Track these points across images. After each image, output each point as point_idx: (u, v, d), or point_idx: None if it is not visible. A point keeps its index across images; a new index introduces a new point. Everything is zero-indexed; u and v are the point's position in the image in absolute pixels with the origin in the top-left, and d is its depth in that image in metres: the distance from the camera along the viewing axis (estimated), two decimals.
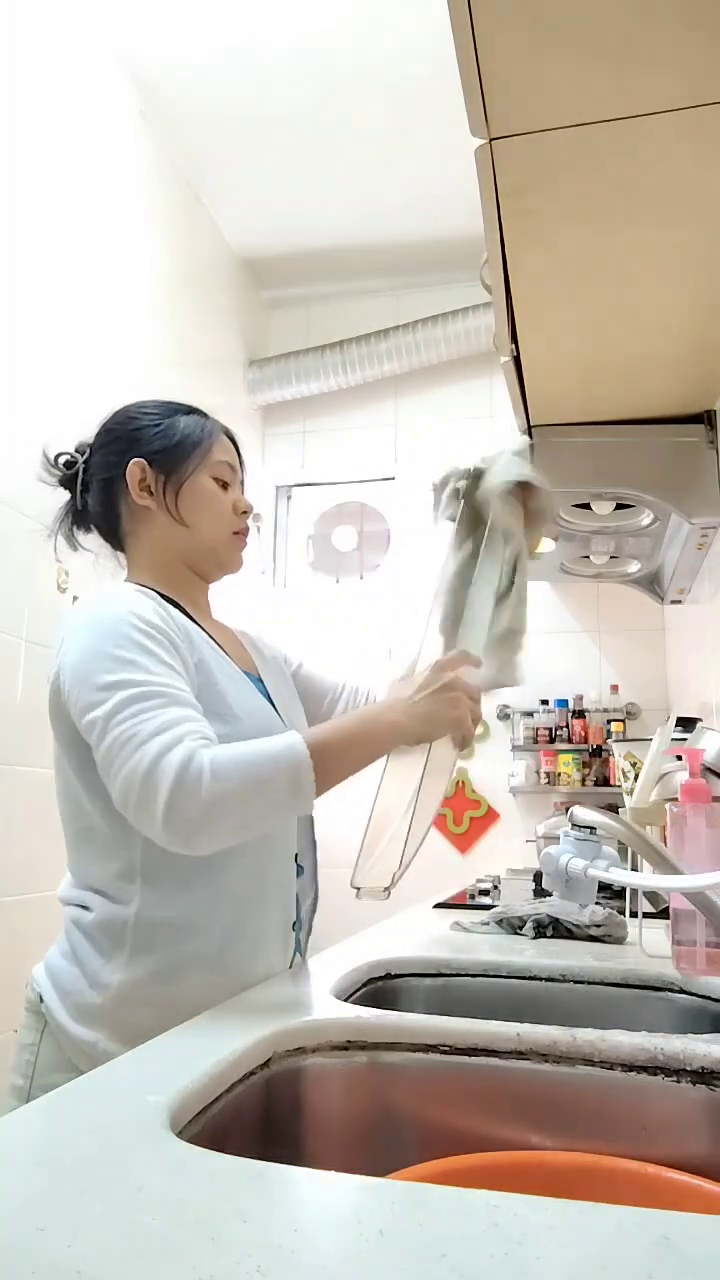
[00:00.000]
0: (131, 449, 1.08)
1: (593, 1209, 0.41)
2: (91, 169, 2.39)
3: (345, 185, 3.04)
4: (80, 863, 0.98)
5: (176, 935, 0.92)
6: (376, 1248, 0.37)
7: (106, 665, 0.88)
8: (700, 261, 1.28)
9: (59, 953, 0.96)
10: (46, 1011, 0.91)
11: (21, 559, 2.00)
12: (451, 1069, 0.73)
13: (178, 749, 0.82)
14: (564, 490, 1.88)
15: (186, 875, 0.92)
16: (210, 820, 0.82)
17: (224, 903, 0.94)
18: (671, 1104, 0.69)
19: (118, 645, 0.89)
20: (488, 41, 0.91)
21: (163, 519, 1.07)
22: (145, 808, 0.82)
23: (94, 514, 1.11)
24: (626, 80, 0.96)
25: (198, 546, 1.08)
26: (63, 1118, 0.52)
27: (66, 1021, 0.89)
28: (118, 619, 0.92)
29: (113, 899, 0.93)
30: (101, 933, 0.92)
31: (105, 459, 1.09)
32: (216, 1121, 0.59)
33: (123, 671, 0.87)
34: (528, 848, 2.77)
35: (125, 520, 1.09)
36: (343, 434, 3.57)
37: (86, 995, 0.90)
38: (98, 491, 1.10)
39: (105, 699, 0.86)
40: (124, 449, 1.08)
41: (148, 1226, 0.39)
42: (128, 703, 0.85)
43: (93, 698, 0.87)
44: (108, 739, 0.85)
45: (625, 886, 1.22)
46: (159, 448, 1.08)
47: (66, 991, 0.91)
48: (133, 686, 0.86)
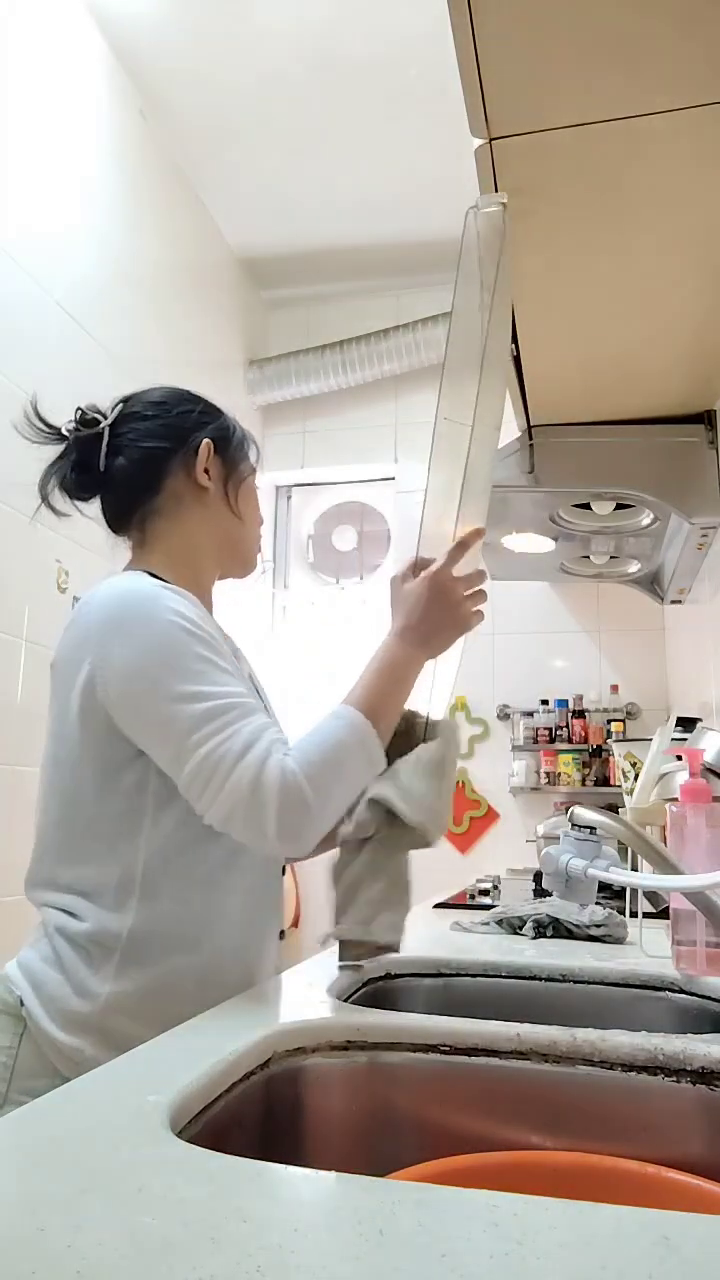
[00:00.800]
0: (197, 429, 1.08)
1: (593, 1209, 0.41)
2: (91, 169, 2.39)
3: (345, 185, 3.04)
4: (68, 865, 0.95)
5: (170, 949, 0.90)
6: (376, 1248, 0.37)
7: (171, 677, 0.86)
8: (700, 262, 1.28)
9: (39, 957, 0.92)
10: (27, 1015, 0.88)
11: (21, 559, 2.00)
12: (451, 1069, 0.73)
13: (271, 762, 0.84)
14: (564, 490, 1.88)
15: (187, 891, 0.92)
16: (318, 821, 0.85)
17: (222, 918, 0.93)
18: (671, 1104, 0.69)
19: (178, 655, 0.88)
20: (488, 41, 0.91)
21: (217, 504, 1.06)
22: (255, 824, 0.83)
23: (122, 480, 1.06)
24: (626, 80, 0.96)
25: (240, 539, 1.09)
26: (63, 1118, 0.52)
27: (50, 1027, 0.86)
28: (168, 623, 0.89)
29: (106, 908, 0.90)
30: (91, 942, 0.90)
31: (155, 429, 1.06)
32: (216, 1121, 0.59)
33: (192, 683, 0.86)
34: (528, 848, 2.77)
35: (165, 496, 1.04)
36: (343, 434, 3.57)
37: (72, 1003, 0.87)
38: (138, 459, 1.05)
39: (181, 713, 0.85)
40: (187, 426, 1.07)
41: (148, 1226, 0.39)
42: (206, 718, 0.85)
43: (167, 711, 0.85)
44: (195, 758, 0.84)
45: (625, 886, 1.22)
46: (226, 437, 1.10)
47: (50, 998, 0.88)
48: (206, 700, 0.85)
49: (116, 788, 0.91)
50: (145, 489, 1.05)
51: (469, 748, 3.25)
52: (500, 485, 1.84)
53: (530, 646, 3.26)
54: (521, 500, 1.92)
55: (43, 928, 0.94)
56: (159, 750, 0.88)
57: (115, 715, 0.89)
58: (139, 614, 0.90)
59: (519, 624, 3.26)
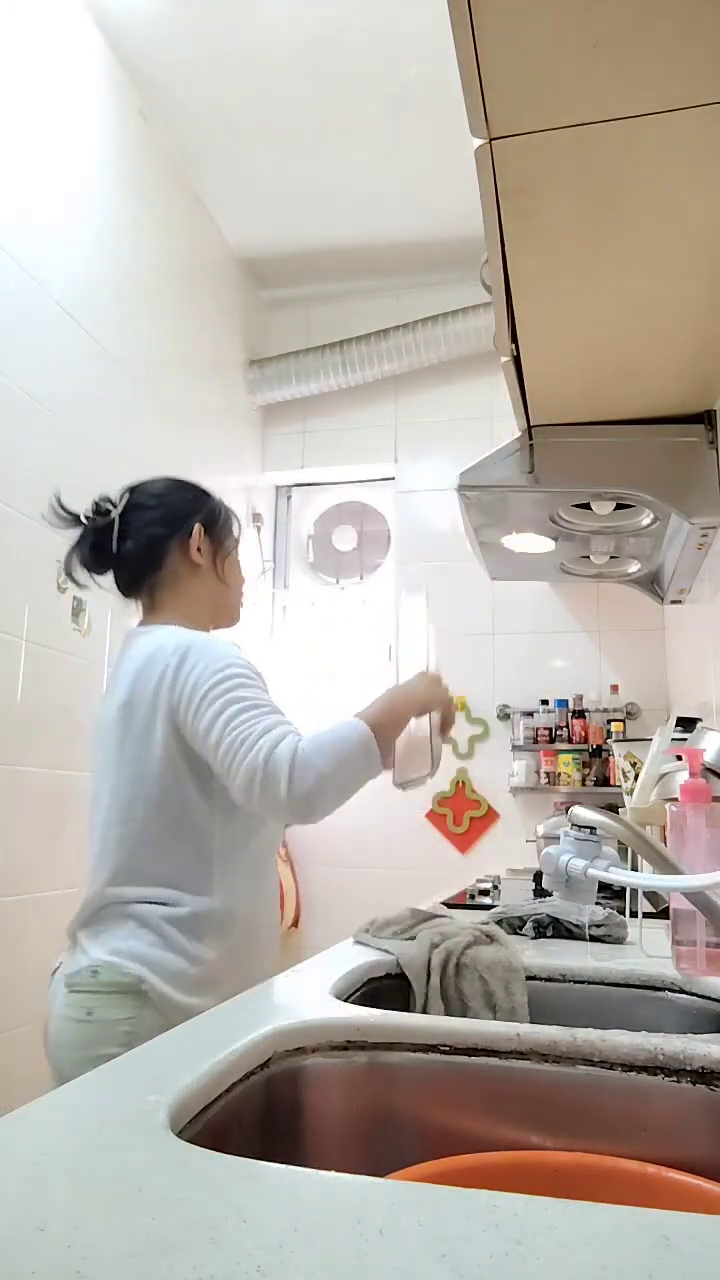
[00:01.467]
0: (190, 517, 1.33)
1: (593, 1209, 0.41)
2: (91, 169, 2.39)
3: (345, 185, 3.04)
4: (161, 863, 1.18)
5: (240, 920, 1.19)
6: (376, 1248, 0.37)
7: (224, 688, 1.14)
8: (700, 261, 1.28)
9: (146, 943, 1.13)
10: (150, 989, 1.09)
11: (21, 559, 2.01)
12: (451, 1069, 0.73)
13: (285, 742, 1.09)
14: (564, 490, 1.88)
15: (244, 875, 1.21)
16: (324, 793, 1.09)
17: (263, 894, 1.26)
18: (671, 1104, 0.69)
19: (231, 675, 1.16)
20: (488, 41, 0.91)
21: (208, 577, 1.34)
22: (270, 792, 1.08)
23: (130, 560, 1.31)
24: (627, 80, 0.96)
25: (227, 600, 1.38)
26: (63, 1118, 0.52)
27: (174, 994, 1.10)
28: (226, 652, 1.19)
29: (198, 894, 1.16)
30: (193, 921, 1.15)
31: (156, 517, 1.32)
32: (216, 1121, 0.59)
33: (239, 691, 1.14)
34: (528, 848, 2.77)
35: (166, 571, 1.31)
36: (343, 434, 3.57)
37: (188, 971, 1.12)
38: (142, 543, 1.31)
39: (225, 711, 1.12)
40: (181, 515, 1.33)
41: (148, 1226, 0.39)
42: (239, 712, 1.12)
43: (217, 710, 1.12)
44: (226, 741, 1.10)
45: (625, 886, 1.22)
46: (212, 521, 1.36)
47: (169, 972, 1.11)
48: (244, 702, 1.13)
49: (195, 798, 1.17)
50: (150, 566, 1.31)
51: (469, 748, 3.25)
52: (500, 485, 1.84)
53: (530, 646, 3.26)
54: (521, 500, 1.92)
55: (135, 918, 1.15)
56: (205, 740, 1.13)
57: (184, 726, 1.15)
58: (202, 649, 1.19)
59: (519, 624, 3.27)
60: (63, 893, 2.13)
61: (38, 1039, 1.19)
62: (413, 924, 1.21)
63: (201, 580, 1.33)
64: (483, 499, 1.91)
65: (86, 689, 2.26)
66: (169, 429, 2.80)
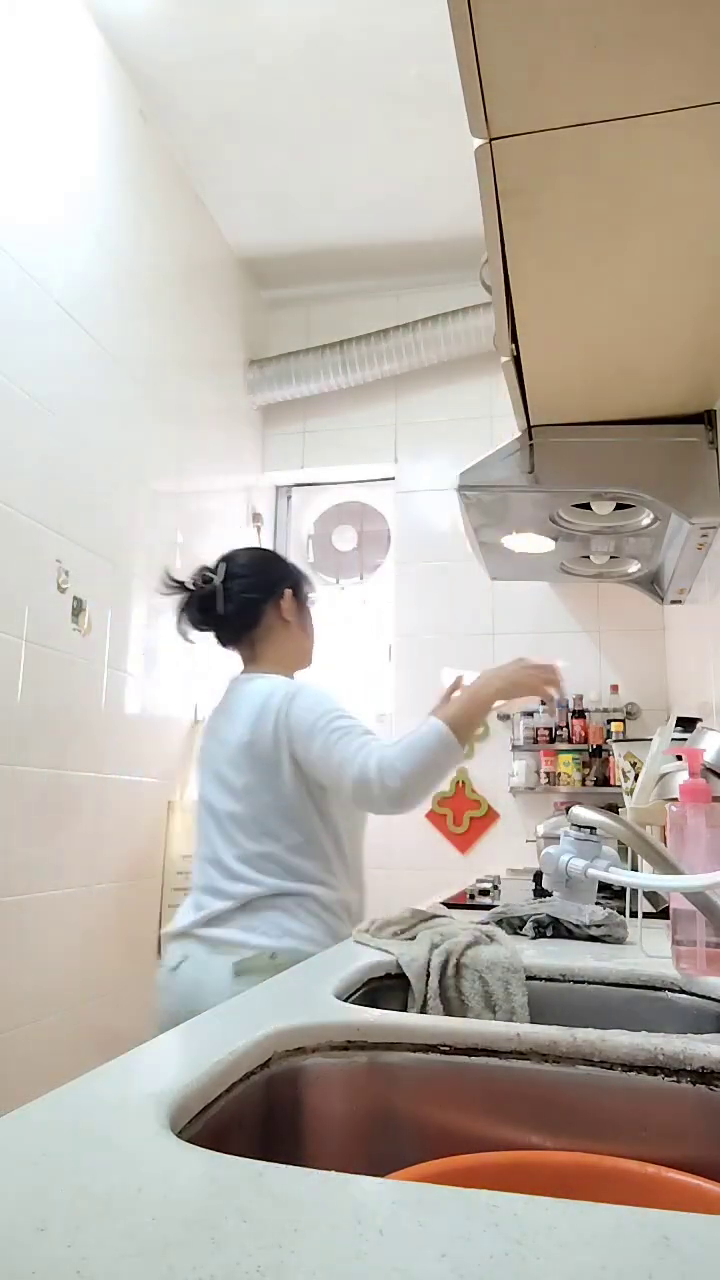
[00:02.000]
0: (280, 583, 1.63)
1: (593, 1209, 0.41)
2: (92, 169, 2.39)
3: (345, 185, 3.04)
4: (294, 865, 1.45)
5: (353, 902, 1.52)
6: (376, 1248, 0.37)
7: (326, 719, 1.45)
8: (700, 261, 1.28)
9: (308, 926, 1.42)
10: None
11: (21, 559, 2.00)
12: (451, 1069, 0.73)
13: (375, 757, 1.39)
14: (564, 490, 1.88)
15: (350, 869, 1.53)
16: (410, 791, 1.38)
17: (359, 881, 1.57)
18: (671, 1104, 0.69)
19: (328, 709, 1.46)
20: (488, 41, 0.91)
21: (296, 633, 1.64)
22: (368, 795, 1.39)
23: (232, 620, 1.61)
24: (626, 80, 0.96)
25: (309, 649, 1.68)
26: (63, 1118, 0.52)
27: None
28: (322, 693, 1.51)
29: (326, 885, 1.47)
30: (332, 905, 1.46)
31: (252, 584, 1.61)
32: (216, 1121, 0.59)
33: (337, 720, 1.45)
34: (528, 848, 2.77)
35: (262, 629, 1.61)
36: (343, 434, 3.57)
37: (327, 944, 1.37)
38: (242, 606, 1.60)
39: (331, 737, 1.42)
40: (272, 582, 1.62)
41: (148, 1226, 0.39)
42: (340, 737, 1.42)
43: (325, 739, 1.43)
44: (332, 761, 1.41)
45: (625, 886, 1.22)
46: (297, 583, 1.65)
47: (318, 941, 1.40)
48: (342, 729, 1.44)
49: (314, 813, 1.47)
50: (249, 626, 1.61)
51: (469, 748, 3.25)
52: (500, 485, 1.84)
53: (530, 646, 3.26)
54: (521, 500, 1.92)
55: (286, 909, 1.43)
56: (318, 764, 1.44)
57: (299, 755, 1.45)
58: (305, 694, 1.50)
59: (519, 624, 3.26)
60: (63, 893, 2.13)
61: (40, 1038, 1.19)
62: (413, 924, 1.21)
63: (290, 633, 1.63)
64: (483, 499, 1.91)
65: (86, 689, 2.26)
66: (169, 429, 2.80)
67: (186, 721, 2.85)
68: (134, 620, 2.52)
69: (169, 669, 2.74)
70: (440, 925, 1.19)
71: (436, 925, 1.19)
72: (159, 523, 2.71)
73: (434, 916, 1.25)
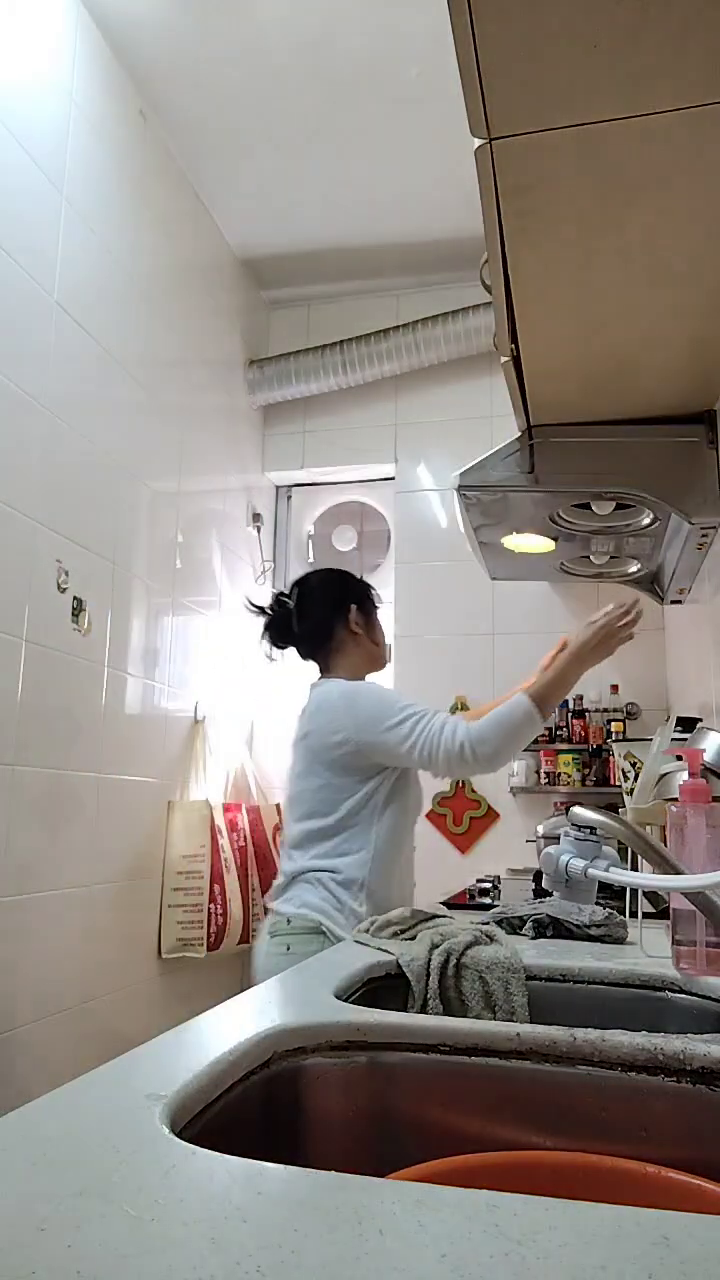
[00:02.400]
0: (346, 600, 1.83)
1: (593, 1209, 0.41)
2: (92, 169, 2.39)
3: (345, 185, 3.04)
4: (332, 847, 1.66)
5: (379, 885, 1.66)
6: (376, 1248, 0.37)
7: (392, 708, 1.66)
8: (700, 261, 1.28)
9: (319, 899, 1.64)
10: (328, 930, 1.59)
11: (21, 559, 2.01)
12: (451, 1069, 0.73)
13: (460, 728, 1.61)
14: (564, 490, 1.88)
15: (391, 855, 1.69)
16: (495, 754, 1.62)
17: (398, 866, 1.72)
18: (671, 1104, 0.69)
19: (390, 700, 1.69)
20: (488, 41, 0.91)
21: (365, 642, 1.84)
22: (459, 762, 1.61)
23: (304, 635, 1.83)
24: (627, 80, 0.96)
25: (378, 655, 1.87)
26: (63, 1118, 0.52)
27: (344, 934, 1.53)
28: (386, 690, 1.76)
29: (355, 867, 1.64)
30: (353, 885, 1.64)
31: (321, 604, 1.83)
32: (216, 1121, 0.60)
33: (403, 707, 1.65)
34: (528, 848, 2.77)
35: (335, 642, 1.81)
36: (343, 434, 3.57)
37: (335, 916, 1.61)
38: (314, 624, 1.82)
39: (405, 722, 1.63)
40: (339, 598, 1.84)
41: (148, 1226, 0.39)
42: (416, 720, 1.63)
43: (396, 724, 1.63)
44: (415, 740, 1.61)
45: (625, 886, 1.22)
46: (361, 600, 1.86)
47: (326, 913, 1.62)
48: (412, 711, 1.65)
49: (358, 803, 1.67)
50: (322, 641, 1.82)
51: None
52: (500, 485, 1.84)
53: (530, 646, 3.25)
54: (521, 500, 1.92)
55: (310, 883, 1.66)
56: (394, 749, 1.63)
57: (364, 747, 1.65)
58: (367, 692, 1.72)
59: (519, 624, 3.26)
60: (63, 892, 2.13)
61: (39, 1038, 1.19)
62: (413, 924, 1.21)
63: (359, 643, 1.83)
64: (482, 499, 1.91)
65: (86, 689, 2.26)
66: (169, 429, 2.80)
67: (186, 721, 2.85)
68: (134, 620, 2.52)
69: (169, 669, 2.74)
70: (440, 925, 1.19)
71: (436, 925, 1.19)
72: (159, 523, 2.71)
73: (434, 916, 1.26)
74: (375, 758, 1.65)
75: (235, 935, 2.71)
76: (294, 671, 3.55)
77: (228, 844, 2.77)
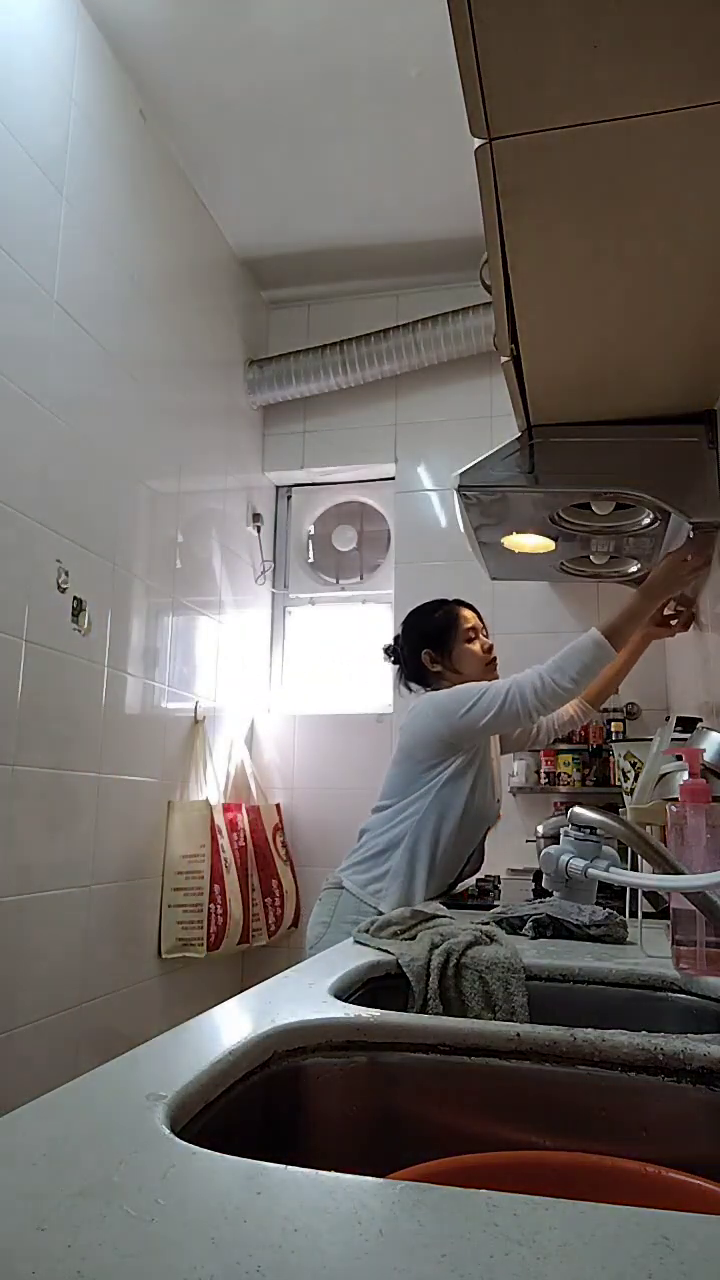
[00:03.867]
0: (421, 641, 2.12)
1: (593, 1209, 0.41)
2: (92, 169, 2.39)
3: (345, 185, 3.04)
4: (386, 826, 1.98)
5: (418, 869, 1.94)
6: (376, 1248, 0.37)
7: (471, 692, 1.95)
8: (700, 261, 1.28)
9: (352, 870, 1.99)
10: (347, 888, 1.97)
11: (21, 559, 2.01)
12: (451, 1069, 0.73)
13: (532, 672, 1.93)
14: (564, 490, 1.88)
15: (428, 844, 1.94)
16: (578, 684, 1.93)
17: (434, 856, 1.95)
18: (671, 1104, 0.69)
19: (465, 685, 2.01)
20: (488, 41, 0.91)
21: (448, 673, 2.08)
22: (543, 691, 1.91)
23: (408, 675, 2.15)
24: (627, 80, 0.96)
25: (473, 677, 2.05)
26: (63, 1118, 0.52)
27: (358, 891, 1.94)
28: (465, 686, 2.01)
29: (399, 848, 1.94)
30: (398, 865, 1.94)
31: (406, 647, 2.15)
32: (216, 1121, 0.60)
33: (482, 687, 1.95)
34: (528, 848, 2.77)
35: (427, 677, 2.10)
36: (343, 434, 3.57)
37: (366, 885, 1.96)
38: (409, 668, 2.14)
39: (479, 696, 1.92)
40: (416, 641, 2.12)
41: (148, 1226, 0.39)
42: (487, 689, 1.93)
43: (475, 702, 1.92)
44: (490, 701, 1.91)
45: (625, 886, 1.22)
46: (434, 636, 2.11)
47: (359, 884, 1.95)
48: (489, 686, 1.94)
49: (423, 790, 1.97)
50: (421, 680, 2.12)
51: None
52: (500, 485, 1.84)
53: (530, 646, 3.25)
54: (521, 500, 1.92)
55: (358, 858, 2.00)
56: (480, 722, 1.91)
57: (457, 736, 1.94)
58: (443, 693, 2.01)
59: (519, 624, 3.26)
60: (64, 892, 2.13)
61: (40, 1038, 1.19)
62: (413, 924, 1.21)
63: (444, 676, 2.08)
64: (482, 499, 1.91)
65: (86, 689, 2.26)
66: (169, 429, 2.80)
67: (186, 721, 2.85)
68: (134, 620, 2.52)
69: (169, 669, 2.74)
70: (440, 925, 1.19)
71: (436, 925, 1.19)
72: (159, 523, 2.71)
73: (434, 916, 1.26)
74: (472, 740, 1.94)
75: (235, 935, 2.71)
76: (296, 669, 3.57)
77: (228, 844, 2.77)
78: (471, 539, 2.19)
